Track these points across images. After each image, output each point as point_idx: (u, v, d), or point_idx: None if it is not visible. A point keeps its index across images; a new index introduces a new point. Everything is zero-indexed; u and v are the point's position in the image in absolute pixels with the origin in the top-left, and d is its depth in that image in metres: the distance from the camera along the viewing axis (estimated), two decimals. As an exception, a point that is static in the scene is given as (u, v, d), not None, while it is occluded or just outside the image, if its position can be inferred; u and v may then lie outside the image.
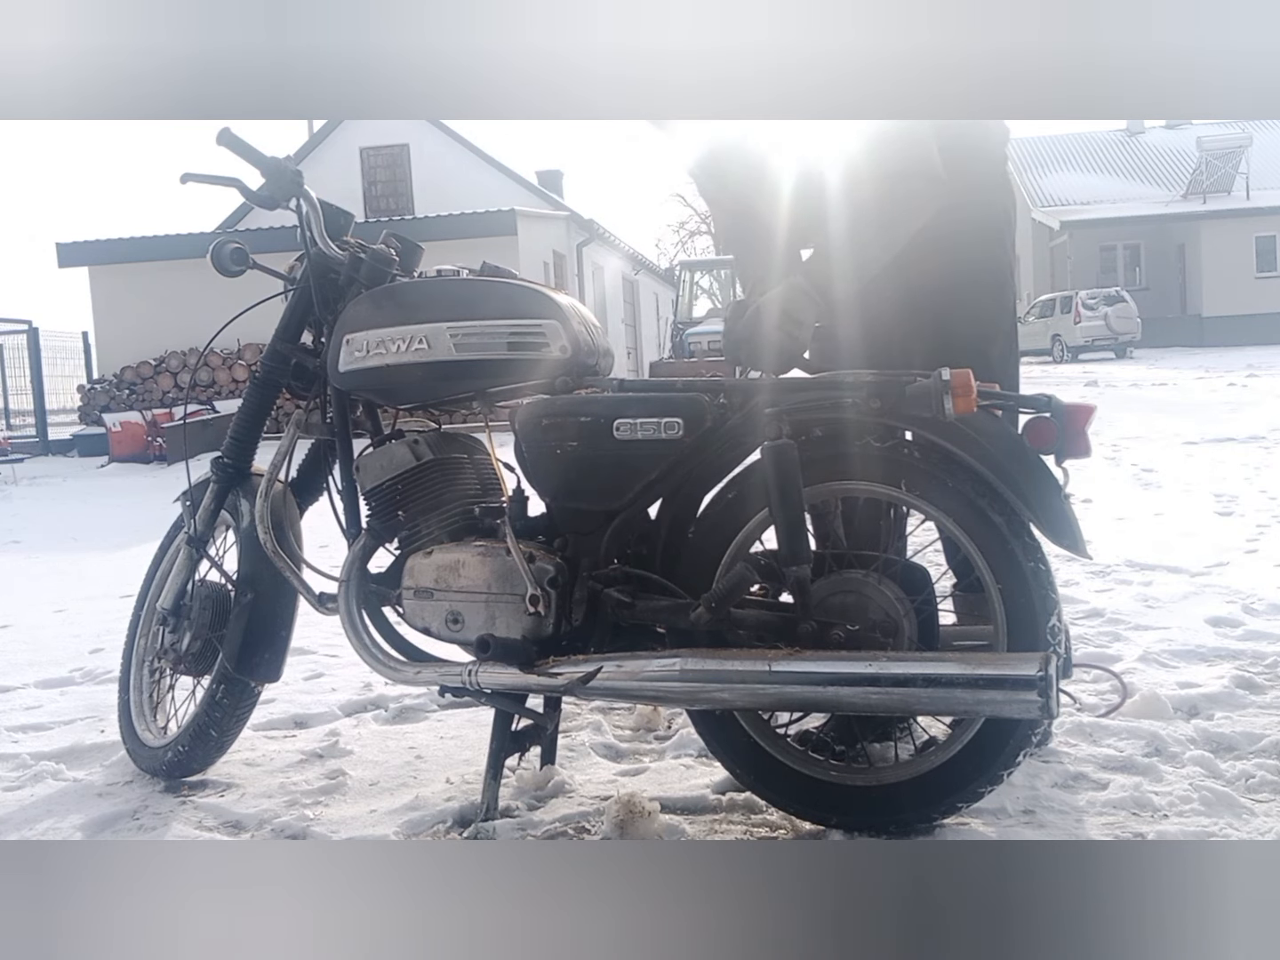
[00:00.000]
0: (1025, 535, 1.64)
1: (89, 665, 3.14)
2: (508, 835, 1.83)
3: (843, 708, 1.69)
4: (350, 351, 1.95)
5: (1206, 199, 24.96)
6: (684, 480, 1.79)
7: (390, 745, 2.35)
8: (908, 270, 1.89)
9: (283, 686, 2.49)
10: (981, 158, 2.03)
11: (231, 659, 2.08)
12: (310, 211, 2.05)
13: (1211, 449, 7.21)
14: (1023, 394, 1.73)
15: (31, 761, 2.31)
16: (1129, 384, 13.20)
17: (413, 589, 1.91)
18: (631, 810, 1.78)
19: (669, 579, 1.78)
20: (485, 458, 2.08)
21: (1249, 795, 1.83)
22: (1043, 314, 23.25)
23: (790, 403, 1.70)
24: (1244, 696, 2.33)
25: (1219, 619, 2.97)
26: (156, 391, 12.68)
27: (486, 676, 1.79)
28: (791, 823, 1.81)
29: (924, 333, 2.02)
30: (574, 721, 2.41)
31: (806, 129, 1.88)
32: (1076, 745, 2.10)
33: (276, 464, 2.12)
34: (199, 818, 2.00)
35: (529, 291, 1.93)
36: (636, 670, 1.70)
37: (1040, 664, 1.51)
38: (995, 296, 2.08)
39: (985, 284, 2.05)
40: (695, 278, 21.12)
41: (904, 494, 1.70)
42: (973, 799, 1.70)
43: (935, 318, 2.01)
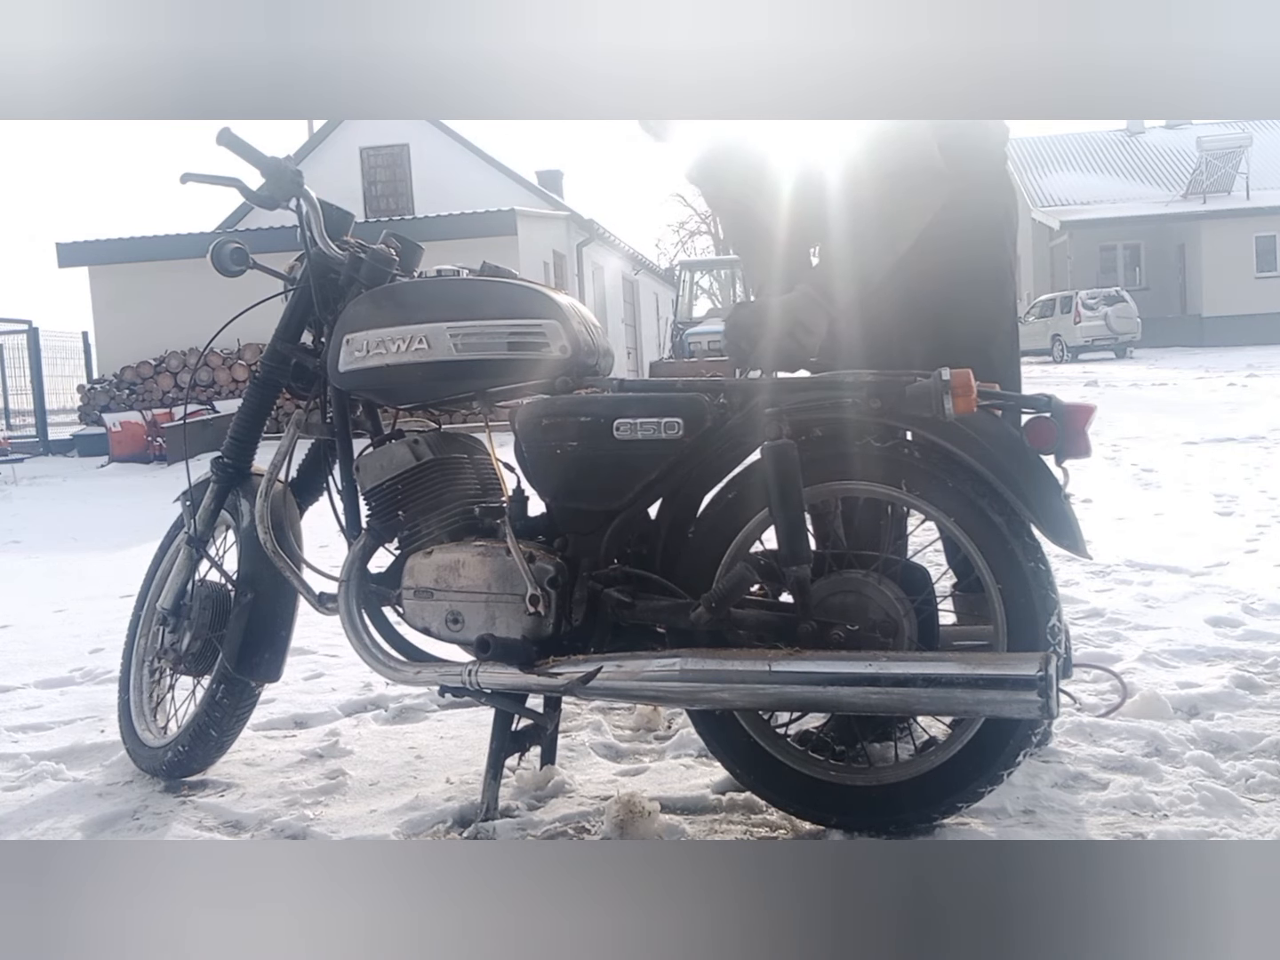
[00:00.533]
0: (1025, 535, 1.64)
1: (89, 665, 3.14)
2: (508, 835, 1.83)
3: (843, 708, 1.69)
4: (350, 351, 1.95)
5: (1206, 199, 24.96)
6: (684, 480, 1.79)
7: (390, 745, 2.35)
8: (908, 270, 1.89)
9: (283, 686, 2.49)
10: (981, 157, 2.03)
11: (231, 659, 2.08)
12: (310, 211, 2.05)
13: (1211, 449, 7.21)
14: (1023, 394, 1.73)
15: (31, 761, 2.31)
16: (1129, 384, 13.21)
17: (413, 589, 1.91)
18: (631, 810, 1.78)
19: (669, 579, 1.78)
20: (485, 458, 2.08)
21: (1249, 795, 1.83)
22: (1043, 314, 23.26)
23: (790, 403, 1.70)
24: (1244, 696, 2.33)
25: (1219, 619, 2.97)
26: (156, 391, 12.67)
27: (486, 676, 1.79)
28: (791, 823, 1.81)
29: (924, 333, 2.02)
30: (574, 721, 2.41)
31: (806, 130, 1.88)
32: (1076, 745, 2.10)
33: (276, 464, 2.12)
34: (199, 818, 2.00)
35: (529, 291, 1.93)
36: (636, 670, 1.70)
37: (1040, 664, 1.51)
38: (996, 296, 2.08)
39: (985, 284, 2.05)
40: (695, 278, 21.12)
41: (904, 494, 1.70)
42: (973, 799, 1.70)
43: (935, 318, 2.01)
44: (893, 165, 1.77)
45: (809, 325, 1.79)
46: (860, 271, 1.81)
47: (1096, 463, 6.29)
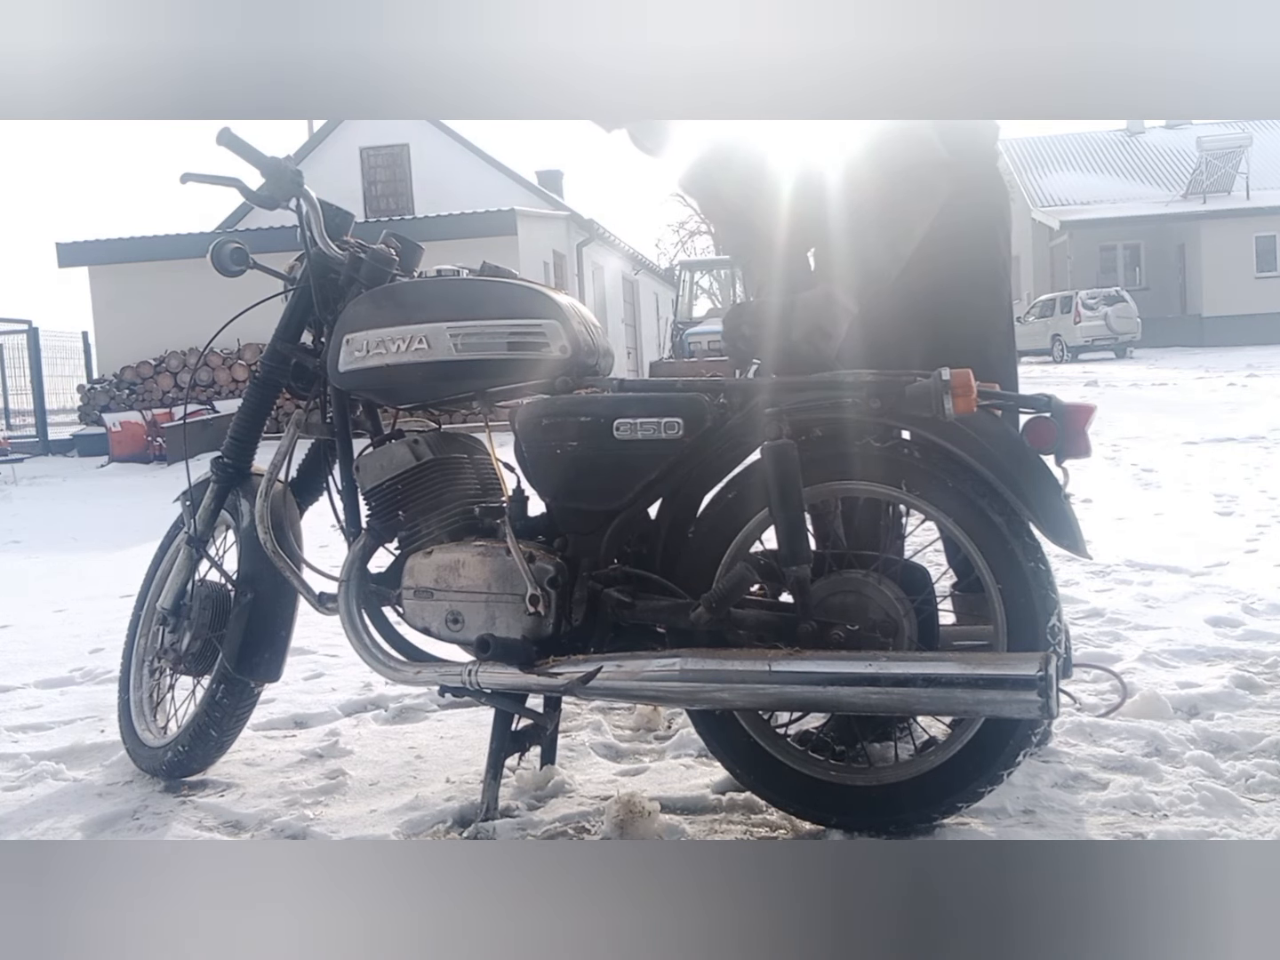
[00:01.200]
0: (1025, 535, 1.64)
1: (89, 665, 3.14)
2: (508, 835, 1.83)
3: (843, 708, 1.69)
4: (350, 351, 1.95)
5: (1206, 199, 24.96)
6: (684, 480, 1.79)
7: (390, 745, 2.35)
8: (905, 272, 1.89)
9: (283, 686, 2.49)
10: (971, 156, 2.02)
11: (231, 659, 2.08)
12: (310, 211, 2.05)
13: (1211, 449, 7.21)
14: (1023, 394, 1.73)
15: (31, 761, 2.31)
16: (1129, 384, 13.20)
17: (413, 589, 1.91)
18: (631, 810, 1.78)
19: (669, 579, 1.78)
20: (485, 458, 2.08)
21: (1249, 795, 1.83)
22: (1043, 314, 23.25)
23: (790, 403, 1.70)
24: (1244, 696, 2.33)
25: (1219, 619, 2.97)
26: (156, 391, 12.67)
27: (486, 676, 1.79)
28: (791, 823, 1.81)
29: (923, 333, 2.02)
30: (574, 721, 2.41)
31: (804, 131, 1.88)
32: (1076, 745, 2.10)
33: (276, 464, 2.12)
34: (199, 818, 2.00)
35: (529, 291, 1.93)
36: (636, 670, 1.70)
37: (1040, 664, 1.51)
38: (991, 296, 2.08)
39: (981, 284, 2.05)
40: (695, 278, 21.11)
41: (904, 494, 1.70)
42: (973, 799, 1.70)
43: (932, 319, 2.00)
44: (898, 164, 1.77)
45: (828, 329, 1.77)
46: (870, 272, 1.80)
47: (1096, 463, 6.29)
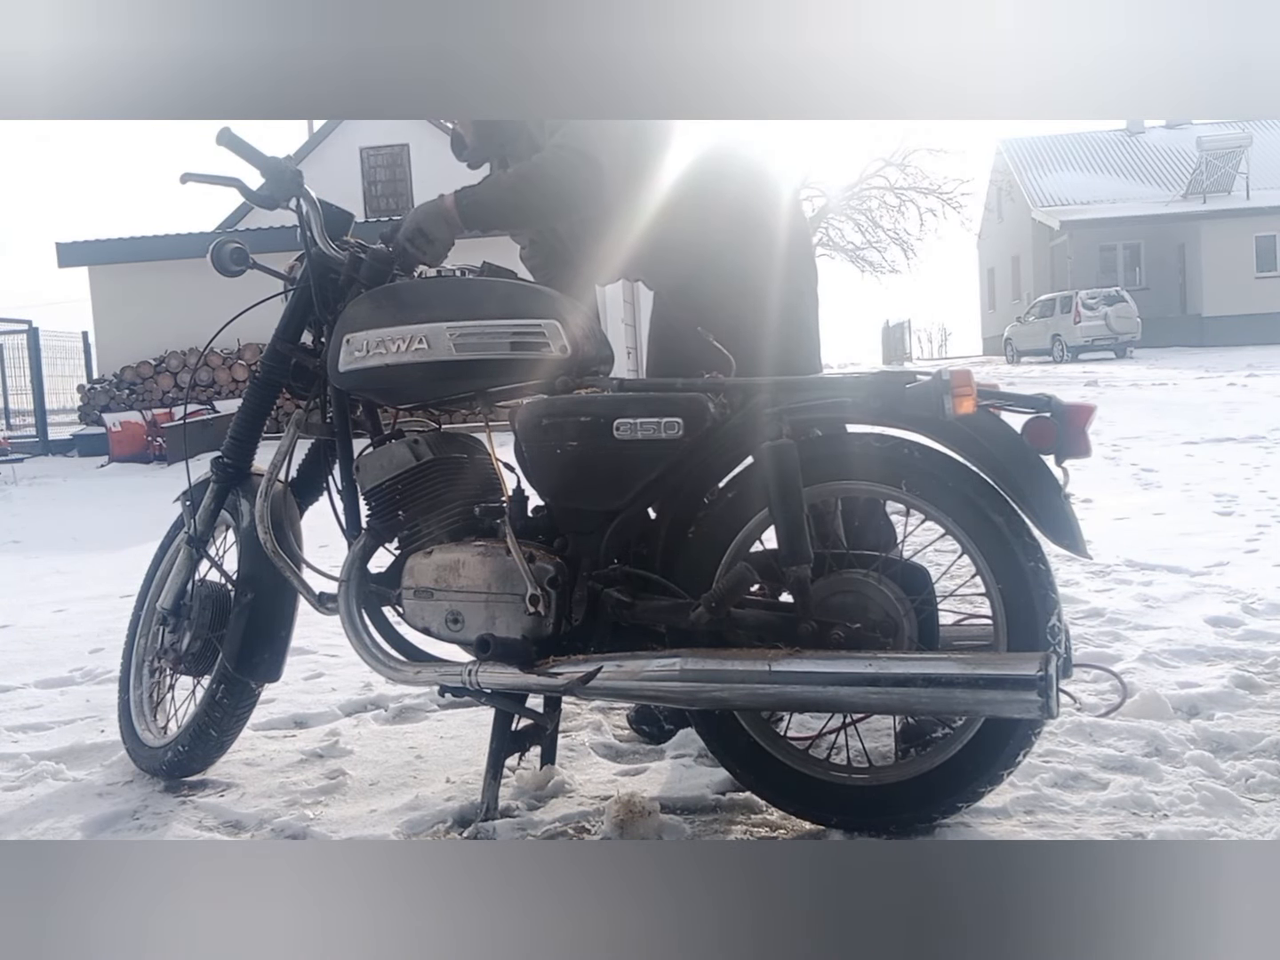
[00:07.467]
0: (1025, 535, 1.64)
1: (89, 665, 3.14)
2: (508, 835, 1.83)
3: (843, 708, 1.69)
4: (350, 351, 1.95)
5: (1206, 199, 24.96)
6: (684, 480, 1.79)
7: (390, 745, 2.35)
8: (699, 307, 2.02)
9: (283, 686, 2.49)
10: (763, 194, 2.13)
11: (231, 659, 2.08)
12: (310, 211, 2.05)
13: (1211, 449, 7.21)
14: (1023, 394, 1.73)
15: (31, 761, 2.31)
16: (1129, 384, 13.21)
17: (413, 589, 1.91)
18: (631, 810, 1.78)
19: (669, 579, 1.78)
20: (485, 458, 2.08)
21: (1249, 795, 1.83)
22: (1043, 314, 23.26)
23: (790, 403, 1.70)
24: (1244, 696, 2.34)
25: (1219, 619, 2.97)
26: (156, 391, 12.66)
27: (486, 676, 1.79)
28: (791, 823, 1.81)
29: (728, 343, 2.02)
30: (574, 721, 2.41)
31: None
32: (1076, 745, 2.10)
33: (276, 464, 2.12)
34: (199, 818, 2.00)
35: (529, 291, 1.93)
36: (636, 670, 1.70)
37: (1040, 664, 1.51)
38: (744, 296, 2.11)
39: (734, 286, 2.10)
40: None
41: (904, 494, 1.70)
42: (973, 799, 1.70)
43: (731, 332, 2.02)
44: (560, 139, 1.92)
45: (430, 234, 1.97)
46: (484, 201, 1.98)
47: (1096, 463, 6.29)
